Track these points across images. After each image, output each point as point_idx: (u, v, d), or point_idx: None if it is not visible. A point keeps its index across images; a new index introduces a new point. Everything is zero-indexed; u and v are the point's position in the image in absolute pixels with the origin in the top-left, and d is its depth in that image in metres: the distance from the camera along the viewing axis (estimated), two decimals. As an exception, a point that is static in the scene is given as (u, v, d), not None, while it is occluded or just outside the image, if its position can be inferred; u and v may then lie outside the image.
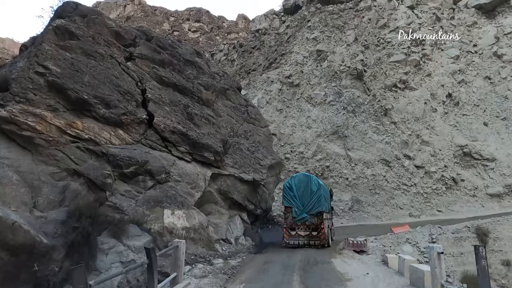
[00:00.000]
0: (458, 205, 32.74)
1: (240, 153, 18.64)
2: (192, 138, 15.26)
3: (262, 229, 28.77)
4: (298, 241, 17.46)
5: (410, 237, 24.24)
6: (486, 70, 38.38)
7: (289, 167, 33.89)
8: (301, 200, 17.74)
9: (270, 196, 20.45)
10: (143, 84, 15.38)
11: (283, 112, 35.45)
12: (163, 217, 12.67)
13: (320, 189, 18.34)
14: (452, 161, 34.40)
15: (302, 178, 18.58)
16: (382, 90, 36.16)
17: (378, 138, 34.83)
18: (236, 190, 17.20)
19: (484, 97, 37.05)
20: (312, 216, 17.66)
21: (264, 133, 20.86)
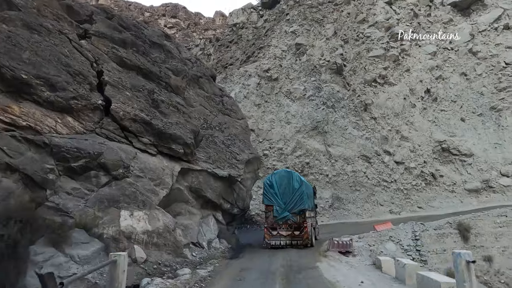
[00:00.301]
0: (438, 201, 31.99)
1: (214, 146, 16.57)
2: (158, 127, 13.05)
3: (240, 229, 26.76)
4: (280, 241, 16.24)
5: (393, 235, 22.90)
6: (462, 67, 38.04)
7: (268, 164, 32.06)
8: (283, 198, 16.50)
9: (248, 193, 18.48)
10: (99, 65, 13.03)
11: (262, 107, 33.61)
12: (119, 220, 10.44)
13: (302, 186, 16.98)
14: (431, 156, 33.66)
15: (283, 175, 17.21)
16: (362, 85, 35.00)
17: (358, 134, 33.61)
18: (209, 187, 15.12)
19: (460, 93, 36.64)
20: (294, 214, 16.45)
21: (241, 126, 18.86)
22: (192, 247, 12.87)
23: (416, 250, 22.76)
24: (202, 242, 13.49)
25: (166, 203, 12.96)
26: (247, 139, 18.78)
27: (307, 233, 16.34)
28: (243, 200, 18.11)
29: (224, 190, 16.33)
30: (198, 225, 13.88)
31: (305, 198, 16.81)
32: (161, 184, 12.38)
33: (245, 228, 27.89)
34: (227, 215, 17.25)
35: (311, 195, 19.76)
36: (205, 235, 14.01)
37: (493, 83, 36.35)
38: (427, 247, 23.52)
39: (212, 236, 14.52)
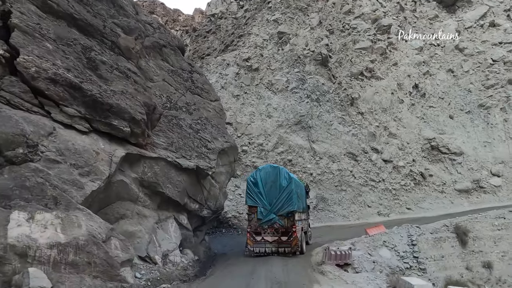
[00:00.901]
0: (427, 202, 29.11)
1: (179, 131, 12.55)
2: (92, 95, 8.94)
3: (213, 235, 22.69)
4: (265, 248, 13.70)
5: (387, 239, 19.48)
6: (448, 63, 35.72)
7: (247, 161, 28.19)
8: (268, 198, 13.80)
9: (222, 191, 14.56)
10: (7, 3, 8.79)
11: (240, 98, 29.77)
12: (7, 226, 6.30)
13: (292, 183, 14.16)
14: (420, 155, 30.82)
15: (270, 171, 14.34)
16: (348, 78, 31.84)
17: (344, 130, 30.34)
18: (169, 181, 11.10)
19: (448, 90, 34.21)
20: (282, 217, 13.76)
21: (215, 109, 14.93)
22: (137, 264, 8.80)
23: (413, 257, 19.36)
24: (155, 256, 9.43)
25: (102, 202, 8.86)
26: (222, 125, 14.87)
27: (296, 238, 13.59)
28: (216, 199, 14.16)
29: (190, 186, 12.32)
30: (150, 232, 9.82)
31: (294, 198, 13.94)
32: (91, 173, 8.26)
33: (219, 233, 23.84)
34: (194, 218, 13.25)
35: (302, 195, 16.53)
36: (160, 246, 9.95)
37: (481, 80, 34.14)
38: (424, 253, 20.10)
39: (170, 247, 10.47)
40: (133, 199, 9.95)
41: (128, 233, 9.26)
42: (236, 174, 27.93)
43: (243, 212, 25.12)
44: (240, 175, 27.73)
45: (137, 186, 10.08)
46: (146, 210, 10.25)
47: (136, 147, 10.10)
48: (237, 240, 20.77)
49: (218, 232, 23.82)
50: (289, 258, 13.53)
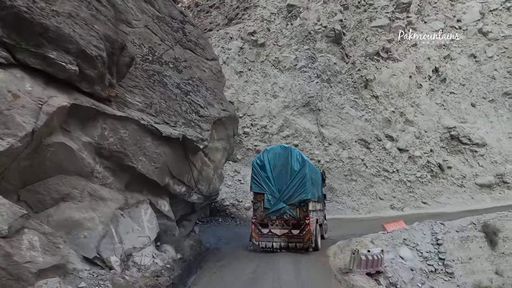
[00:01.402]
0: (445, 196, 25.80)
1: (162, 90, 9.18)
2: (14, 7, 5.59)
3: (207, 224, 19.53)
4: (273, 242, 11.35)
5: (407, 237, 16.29)
6: (471, 48, 31.98)
7: (248, 144, 24.88)
8: (278, 184, 11.37)
9: (217, 172, 11.28)
10: None
11: (244, 75, 26.32)
12: None
13: (305, 167, 11.59)
14: (438, 145, 27.41)
15: (279, 152, 11.71)
16: (363, 58, 28.26)
17: (357, 114, 26.90)
18: (143, 153, 7.79)
19: (469, 76, 30.57)
20: (293, 207, 11.27)
21: (211, 69, 11.54)
22: (78, 270, 5.57)
23: (439, 259, 16.15)
24: (110, 257, 6.19)
25: (28, 174, 5.59)
26: (219, 90, 11.47)
27: (309, 232, 11.12)
28: (209, 182, 10.90)
29: (175, 162, 9.02)
30: (107, 222, 6.57)
31: (308, 184, 11.35)
32: (0, 126, 4.99)
33: (215, 222, 20.64)
34: (180, 204, 10.02)
35: (318, 182, 13.82)
36: (122, 242, 6.70)
37: (506, 66, 30.47)
38: (450, 254, 16.79)
39: (139, 243, 7.23)
40: (84, 174, 6.67)
41: (70, 223, 6.03)
42: (236, 158, 24.70)
43: (243, 200, 21.95)
44: (240, 159, 24.50)
45: (91, 155, 6.78)
46: (105, 190, 6.98)
47: (91, 99, 6.77)
48: (235, 232, 17.60)
49: (214, 222, 20.62)
50: (302, 257, 10.59)
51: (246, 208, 21.59)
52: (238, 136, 24.58)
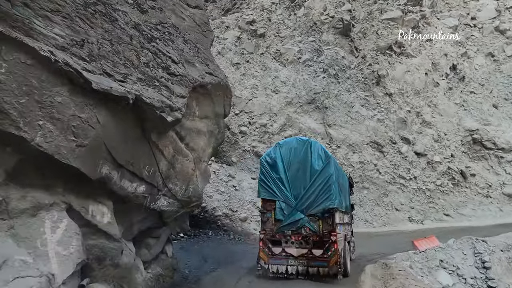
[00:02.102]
0: (469, 208, 22.20)
1: (108, 26, 5.57)
2: None
3: (194, 238, 15.74)
4: (287, 266, 8.25)
5: (444, 258, 12.53)
6: (488, 46, 29.02)
7: (245, 145, 21.25)
8: (293, 188, 8.41)
9: (200, 167, 7.61)
10: None
11: (241, 68, 22.92)
12: None
13: (330, 166, 8.49)
14: (459, 149, 23.96)
15: (296, 147, 8.82)
16: (374, 52, 25.03)
17: (368, 114, 23.48)
18: (48, 113, 4.16)
19: (488, 76, 27.43)
20: (314, 218, 8.17)
21: (193, 18, 7.99)
22: None
23: (488, 286, 12.35)
24: None
25: None
26: (205, 47, 7.89)
27: (337, 253, 8.01)
28: (186, 180, 7.23)
29: (122, 141, 5.34)
30: None
31: (334, 188, 8.37)
32: None
33: (204, 237, 16.84)
34: (136, 212, 6.30)
35: (345, 187, 10.54)
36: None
37: (528, 66, 27.42)
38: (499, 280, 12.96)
39: (25, 287, 3.55)
40: None
41: None
42: (231, 161, 21.04)
43: (238, 210, 18.22)
44: (236, 162, 20.84)
45: None
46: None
47: None
48: (227, 250, 13.80)
49: (202, 236, 16.81)
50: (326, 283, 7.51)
51: (241, 219, 17.83)
52: (234, 136, 21.00)
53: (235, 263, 10.91)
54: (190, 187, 7.48)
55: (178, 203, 7.34)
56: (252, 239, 16.32)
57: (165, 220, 7.23)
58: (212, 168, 19.74)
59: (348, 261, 9.08)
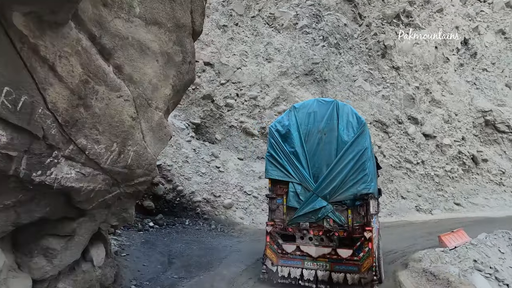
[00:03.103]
0: (481, 196, 19.70)
1: None
2: None
3: (165, 228, 12.63)
4: (302, 268, 5.93)
5: (478, 257, 9.59)
6: (498, 23, 26.29)
7: (231, 120, 17.97)
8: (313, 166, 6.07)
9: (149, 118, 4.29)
10: None
11: (229, 31, 19.40)
12: None
13: (365, 137, 6.14)
14: (470, 132, 21.31)
15: (316, 110, 6.42)
16: (380, 21, 21.86)
17: (372, 89, 20.46)
18: None
19: (498, 55, 24.75)
20: (341, 207, 5.89)
21: None
22: None
23: (539, 296, 9.44)
24: None
25: None
26: None
27: (371, 255, 5.69)
28: (121, 137, 3.94)
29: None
30: None
31: (369, 167, 6.17)
32: None
33: (180, 226, 13.71)
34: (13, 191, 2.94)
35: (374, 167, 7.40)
36: None
37: (542, 44, 24.86)
38: None
39: None
40: None
41: None
42: (215, 139, 17.74)
43: (221, 195, 15.12)
44: (220, 139, 17.55)
45: None
46: None
47: None
48: (206, 245, 10.73)
49: (178, 226, 13.67)
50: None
51: (225, 206, 14.73)
52: (219, 109, 17.67)
53: (213, 266, 7.81)
54: (129, 149, 4.21)
55: (106, 176, 4.08)
56: (238, 230, 13.28)
57: (80, 205, 3.97)
58: (192, 146, 16.42)
59: (382, 264, 6.84)
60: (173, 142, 15.69)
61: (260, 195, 15.58)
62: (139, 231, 12.33)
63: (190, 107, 17.62)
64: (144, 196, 14.35)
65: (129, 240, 9.97)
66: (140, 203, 14.35)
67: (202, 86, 17.88)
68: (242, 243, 11.00)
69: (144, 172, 4.67)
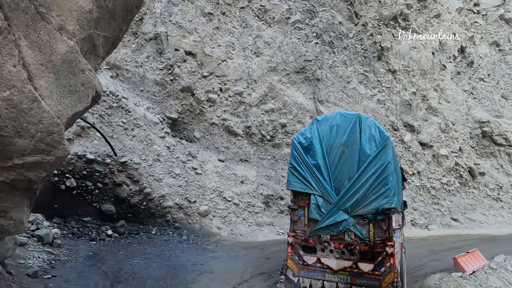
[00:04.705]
0: (479, 212, 18.35)
1: None
2: None
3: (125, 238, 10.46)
4: (323, 281, 5.95)
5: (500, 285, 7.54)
6: (492, 35, 25.74)
7: (213, 117, 15.94)
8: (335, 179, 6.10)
9: (41, 48, 2.20)
10: None
11: (214, 20, 17.54)
12: None
13: (387, 151, 5.89)
14: (467, 143, 20.09)
15: (339, 124, 6.29)
16: (376, 22, 20.58)
17: (367, 93, 18.98)
18: None
19: (493, 67, 24.00)
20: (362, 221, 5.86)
21: None
22: None
23: None
24: None
25: None
26: None
27: (393, 270, 5.52)
28: None
29: None
30: None
31: (392, 181, 5.79)
32: None
33: (145, 236, 11.52)
34: None
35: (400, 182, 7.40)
36: None
37: (536, 58, 24.28)
38: None
39: None
40: None
41: None
42: (193, 137, 15.63)
43: (197, 201, 13.02)
44: (199, 138, 15.48)
45: None
46: None
47: None
48: (170, 261, 8.57)
49: (142, 235, 11.53)
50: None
51: (201, 213, 12.64)
52: (199, 104, 15.66)
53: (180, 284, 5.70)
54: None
55: None
56: (214, 243, 11.20)
57: None
58: (166, 143, 14.25)
59: (405, 279, 6.86)
60: (143, 137, 13.51)
61: (242, 202, 13.53)
62: (92, 241, 10.05)
63: (166, 99, 15.51)
64: (104, 198, 12.04)
65: (70, 253, 7.70)
66: (99, 207, 12.04)
67: (181, 77, 15.84)
68: (217, 260, 8.88)
69: (36, 145, 2.60)
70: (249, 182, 14.41)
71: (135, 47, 16.82)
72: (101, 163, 11.77)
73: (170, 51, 16.24)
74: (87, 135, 11.97)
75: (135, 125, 13.42)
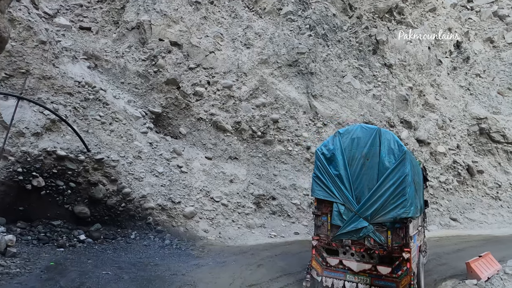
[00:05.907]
0: (478, 212, 17.75)
1: None
2: None
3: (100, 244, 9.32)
4: (344, 281, 6.52)
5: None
6: (486, 32, 25.46)
7: (200, 112, 14.91)
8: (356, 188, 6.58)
9: None
10: None
11: (202, 9, 16.53)
12: None
13: (405, 163, 6.19)
14: (465, 140, 19.52)
15: (360, 136, 6.72)
16: (371, 15, 19.88)
17: (362, 88, 18.21)
18: None
19: (487, 63, 23.63)
20: (381, 228, 6.28)
21: None
22: None
23: None
24: None
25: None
26: None
27: (409, 273, 5.98)
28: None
29: None
30: None
31: (409, 192, 6.19)
32: None
33: (123, 241, 10.37)
34: None
35: (420, 184, 7.86)
36: None
37: (531, 54, 24.01)
38: None
39: None
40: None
41: None
42: (178, 133, 14.55)
43: (182, 201, 11.95)
44: (185, 134, 14.41)
45: None
46: None
47: None
48: (147, 270, 7.52)
49: (120, 240, 10.42)
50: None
51: (186, 215, 11.62)
52: (185, 98, 14.62)
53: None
54: None
55: None
56: (199, 247, 10.20)
57: None
58: (148, 139, 13.16)
59: (423, 280, 6.98)
60: (122, 132, 12.40)
61: (231, 202, 12.52)
62: (60, 248, 8.92)
63: (149, 92, 14.41)
64: (77, 199, 10.88)
65: (25, 264, 6.59)
66: (71, 209, 10.86)
67: (166, 69, 14.76)
68: (201, 268, 7.87)
69: None
70: (239, 181, 13.42)
71: (116, 36, 15.66)
72: (74, 160, 10.62)
73: (153, 41, 15.15)
74: (58, 129, 10.80)
75: (113, 119, 12.29)
